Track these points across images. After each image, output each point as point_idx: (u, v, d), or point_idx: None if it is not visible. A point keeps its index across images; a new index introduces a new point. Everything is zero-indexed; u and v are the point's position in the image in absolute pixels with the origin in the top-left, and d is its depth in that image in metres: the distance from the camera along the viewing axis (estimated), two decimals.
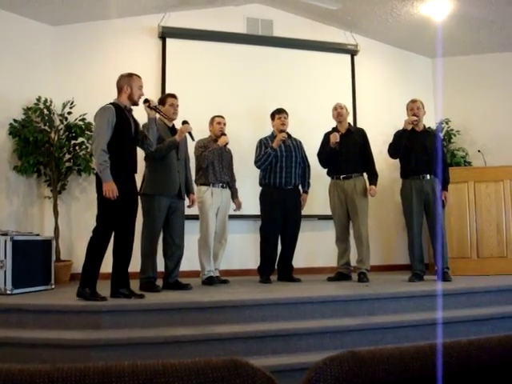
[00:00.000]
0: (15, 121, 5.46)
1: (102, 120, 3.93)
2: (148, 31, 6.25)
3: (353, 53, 6.86)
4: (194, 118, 5.25)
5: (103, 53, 6.08)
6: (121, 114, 4.03)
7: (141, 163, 4.83)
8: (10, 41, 5.57)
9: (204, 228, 5.10)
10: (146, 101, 4.22)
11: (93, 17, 6.00)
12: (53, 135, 5.58)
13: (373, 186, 5.26)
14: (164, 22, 6.21)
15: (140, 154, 4.76)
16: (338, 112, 5.43)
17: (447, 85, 6.87)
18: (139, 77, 4.21)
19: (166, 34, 6.22)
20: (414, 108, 5.22)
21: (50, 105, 5.62)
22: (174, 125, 4.87)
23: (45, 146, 5.51)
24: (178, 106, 4.82)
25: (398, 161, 5.42)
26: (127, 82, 4.14)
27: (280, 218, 5.27)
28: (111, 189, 3.85)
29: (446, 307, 4.07)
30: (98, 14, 5.98)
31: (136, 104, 4.18)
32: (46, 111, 5.58)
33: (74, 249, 5.81)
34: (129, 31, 6.21)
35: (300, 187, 5.50)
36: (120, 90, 4.14)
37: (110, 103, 4.07)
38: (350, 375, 0.76)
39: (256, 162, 5.35)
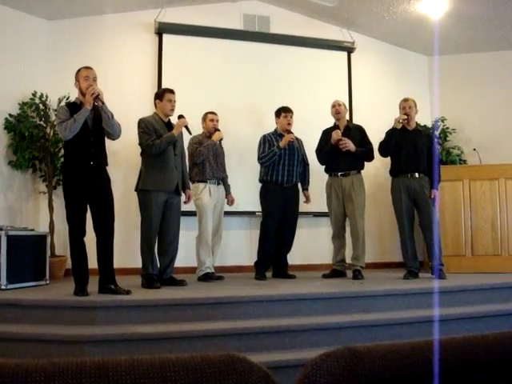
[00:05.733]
0: (11, 115, 5.43)
1: (56, 120, 4.12)
2: (144, 27, 6.23)
3: (349, 50, 6.85)
4: (190, 113, 5.24)
5: (99, 48, 6.05)
6: (77, 110, 3.99)
7: (137, 159, 4.85)
8: (5, 35, 5.54)
9: (203, 225, 5.08)
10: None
11: (89, 12, 5.98)
12: (48, 130, 5.55)
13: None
14: (160, 17, 6.19)
15: (131, 150, 4.78)
16: (336, 109, 5.43)
17: (443, 83, 6.88)
18: (87, 67, 4.13)
19: (162, 29, 6.20)
20: (405, 107, 5.22)
21: (46, 100, 5.60)
22: (169, 120, 4.83)
23: (40, 141, 5.49)
24: (175, 101, 4.78)
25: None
26: (76, 77, 4.14)
27: (279, 214, 5.29)
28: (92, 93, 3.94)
29: (440, 305, 4.09)
30: (94, 9, 5.96)
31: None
32: (41, 106, 5.56)
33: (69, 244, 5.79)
34: (125, 26, 6.18)
35: (300, 185, 5.52)
36: (76, 87, 4.15)
37: (67, 103, 4.19)
38: (347, 371, 0.76)
39: (260, 159, 5.35)
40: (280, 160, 5.29)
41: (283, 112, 5.41)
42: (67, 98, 5.57)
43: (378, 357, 0.78)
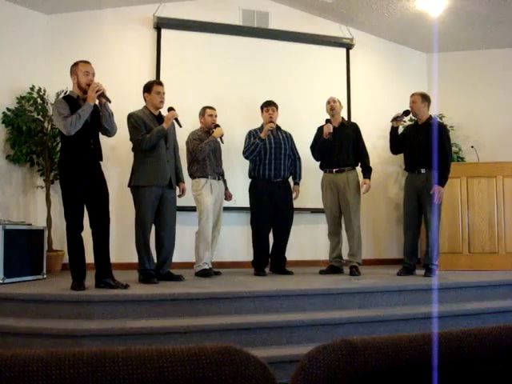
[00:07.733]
0: (8, 110, 5.42)
1: (54, 114, 4.06)
2: (143, 21, 6.22)
3: (348, 46, 6.85)
4: (188, 108, 5.25)
5: (98, 42, 6.04)
6: (73, 104, 3.99)
7: (129, 155, 4.83)
8: (3, 29, 5.52)
9: (204, 221, 5.03)
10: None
11: (88, 6, 5.96)
12: (46, 124, 5.54)
13: (367, 180, 5.25)
14: (159, 12, 6.17)
15: (129, 145, 4.77)
16: (331, 106, 5.42)
17: (442, 80, 6.87)
18: (86, 62, 4.10)
19: (161, 24, 6.19)
20: (410, 102, 5.20)
21: (44, 94, 5.59)
22: (160, 113, 4.74)
23: (38, 136, 5.48)
24: (164, 93, 4.67)
25: (391, 155, 5.47)
26: (74, 70, 4.10)
27: (269, 210, 5.28)
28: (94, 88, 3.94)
29: (436, 302, 4.10)
30: (93, 3, 5.95)
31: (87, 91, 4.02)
32: (39, 100, 5.55)
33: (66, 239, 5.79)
34: (124, 21, 6.17)
35: (291, 179, 5.51)
36: (72, 80, 4.12)
37: (63, 96, 4.18)
38: (343, 363, 0.76)
39: (244, 153, 5.36)
40: (266, 154, 5.29)
41: (265, 106, 5.42)
42: (65, 93, 5.56)
43: (375, 349, 0.79)
